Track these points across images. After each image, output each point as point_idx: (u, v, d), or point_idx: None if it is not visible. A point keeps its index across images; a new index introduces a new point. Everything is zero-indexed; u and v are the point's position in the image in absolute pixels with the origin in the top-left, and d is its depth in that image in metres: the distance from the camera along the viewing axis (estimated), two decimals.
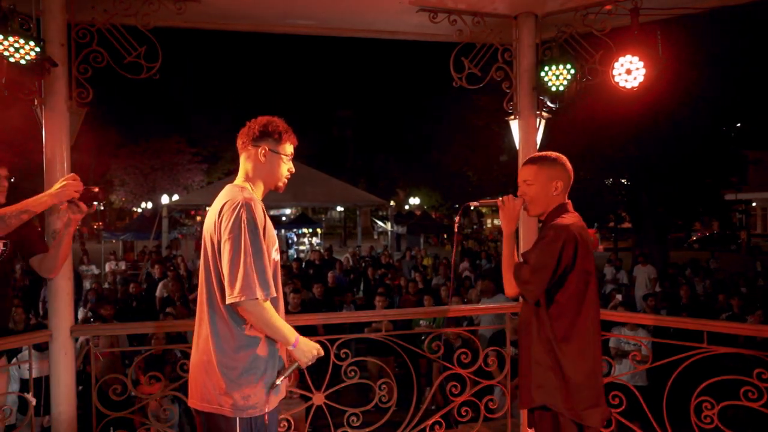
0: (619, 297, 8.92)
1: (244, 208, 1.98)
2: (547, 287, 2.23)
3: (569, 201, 2.40)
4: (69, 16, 2.93)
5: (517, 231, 3.71)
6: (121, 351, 5.84)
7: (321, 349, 2.13)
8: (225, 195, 2.09)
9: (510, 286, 2.34)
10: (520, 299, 2.45)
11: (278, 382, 2.04)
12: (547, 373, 2.24)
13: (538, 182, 2.36)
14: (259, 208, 2.04)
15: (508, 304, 3.95)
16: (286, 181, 2.25)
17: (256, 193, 2.16)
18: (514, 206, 2.39)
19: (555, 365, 2.23)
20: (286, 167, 2.23)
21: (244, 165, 2.20)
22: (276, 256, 2.15)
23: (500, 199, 2.43)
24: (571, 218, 2.29)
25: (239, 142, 2.20)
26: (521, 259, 2.37)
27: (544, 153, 2.43)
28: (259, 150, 2.15)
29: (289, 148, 2.21)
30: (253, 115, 2.24)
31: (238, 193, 2.06)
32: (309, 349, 2.08)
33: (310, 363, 2.10)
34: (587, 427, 2.22)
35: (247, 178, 2.18)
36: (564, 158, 2.40)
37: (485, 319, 6.44)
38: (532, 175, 2.37)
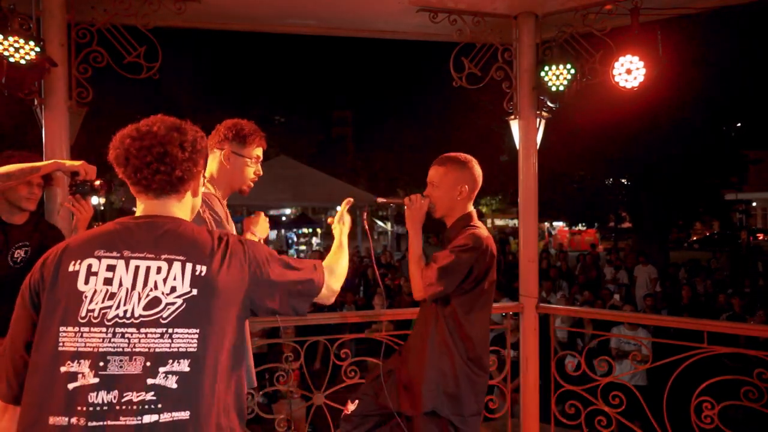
0: (617, 297, 8.92)
1: (203, 205, 1.99)
2: (452, 292, 2.19)
3: (474, 210, 2.37)
4: (69, 16, 2.93)
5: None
6: None
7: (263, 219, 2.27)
8: None
9: (418, 289, 2.26)
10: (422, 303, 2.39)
11: None
12: (438, 377, 2.20)
13: (443, 185, 2.31)
14: (217, 203, 2.08)
15: (508, 304, 3.95)
16: (251, 184, 2.25)
17: (218, 193, 2.18)
18: (421, 206, 2.34)
19: (448, 370, 2.20)
20: (252, 170, 2.23)
21: (209, 166, 2.21)
22: None
23: (407, 198, 2.37)
24: (484, 230, 2.28)
25: (209, 144, 2.23)
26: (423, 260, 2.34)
27: (454, 154, 2.36)
28: (223, 152, 2.17)
29: (255, 151, 2.21)
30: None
31: None
32: (264, 224, 2.24)
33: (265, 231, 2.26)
34: None
35: (211, 179, 2.20)
36: (474, 162, 2.35)
37: None
38: (438, 177, 2.33)
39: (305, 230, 28.62)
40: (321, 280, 1.59)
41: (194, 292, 1.30)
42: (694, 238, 28.69)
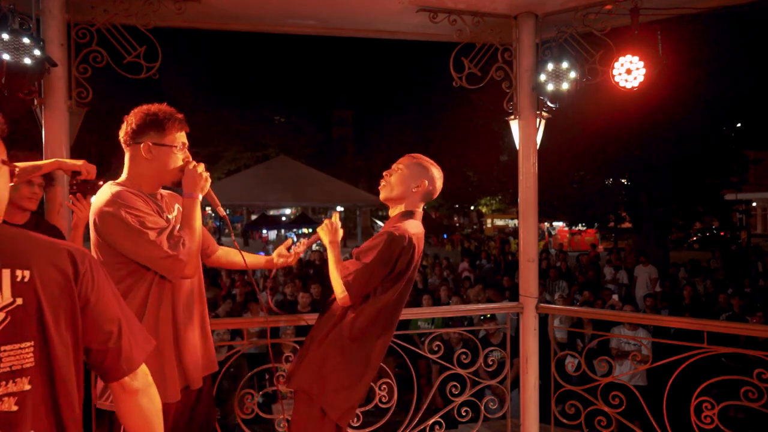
0: (615, 297, 8.91)
1: (116, 204, 1.79)
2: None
3: (421, 212, 2.37)
4: (69, 16, 2.93)
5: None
6: None
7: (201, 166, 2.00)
8: (95, 200, 1.88)
9: (350, 294, 2.22)
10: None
11: None
12: (320, 362, 2.21)
13: (408, 170, 2.32)
14: (132, 197, 1.84)
15: (508, 304, 3.95)
16: (182, 174, 2.00)
17: (140, 190, 1.93)
18: (335, 228, 2.43)
19: (333, 359, 2.20)
20: (180, 158, 1.97)
21: (128, 164, 1.96)
22: None
23: (318, 227, 2.48)
24: (414, 227, 2.25)
25: (120, 141, 1.95)
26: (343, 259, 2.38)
27: (428, 159, 2.41)
28: (142, 146, 1.90)
29: (178, 137, 1.96)
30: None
31: (107, 190, 1.86)
32: (194, 176, 1.97)
33: (206, 182, 2.01)
34: (339, 427, 2.24)
35: (133, 177, 1.95)
36: (440, 172, 2.38)
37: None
38: (405, 163, 2.34)
39: (305, 230, 28.62)
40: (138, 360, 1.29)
41: (19, 301, 1.13)
42: (694, 238, 28.67)
